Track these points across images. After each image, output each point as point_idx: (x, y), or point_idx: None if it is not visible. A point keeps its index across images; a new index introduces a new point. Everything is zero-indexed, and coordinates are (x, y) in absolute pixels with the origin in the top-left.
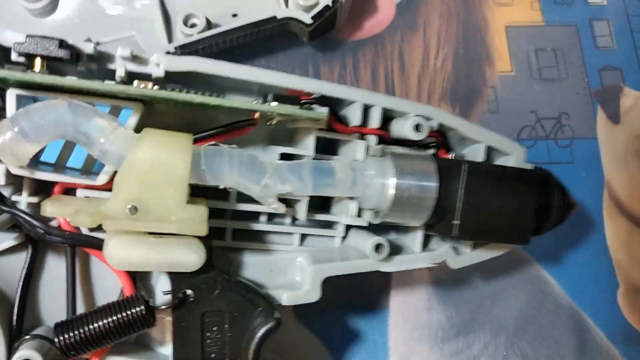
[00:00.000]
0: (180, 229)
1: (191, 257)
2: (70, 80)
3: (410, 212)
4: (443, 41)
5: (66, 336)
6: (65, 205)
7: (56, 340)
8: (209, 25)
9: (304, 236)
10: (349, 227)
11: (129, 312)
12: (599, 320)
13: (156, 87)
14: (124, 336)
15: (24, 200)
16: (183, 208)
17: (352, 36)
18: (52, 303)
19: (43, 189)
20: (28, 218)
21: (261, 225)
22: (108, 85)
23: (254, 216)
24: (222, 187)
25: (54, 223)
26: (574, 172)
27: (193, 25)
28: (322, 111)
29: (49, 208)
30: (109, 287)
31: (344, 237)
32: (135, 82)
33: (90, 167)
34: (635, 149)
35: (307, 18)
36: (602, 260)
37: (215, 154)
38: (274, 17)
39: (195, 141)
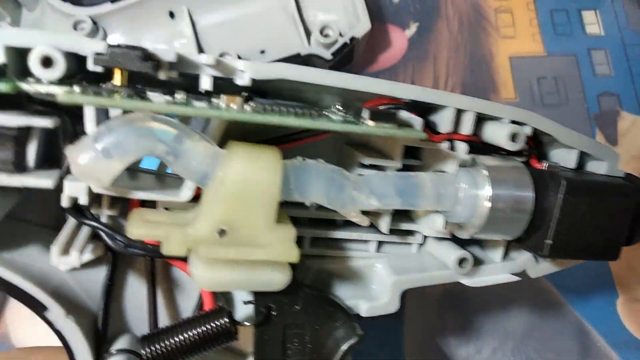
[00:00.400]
0: (271, 255)
1: (278, 277)
2: (164, 107)
3: (502, 229)
4: (452, 71)
5: (152, 348)
6: (152, 228)
7: (143, 352)
8: None
9: (380, 242)
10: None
11: (213, 325)
12: (600, 327)
13: (248, 103)
14: (208, 349)
15: (104, 213)
16: (271, 229)
17: (368, 68)
18: (133, 311)
19: (120, 199)
20: (109, 231)
21: (340, 233)
22: (202, 110)
23: (331, 223)
24: (307, 204)
25: None
26: None
27: None
28: (416, 122)
29: (135, 231)
30: (187, 289)
31: (421, 244)
32: (223, 98)
33: (164, 170)
34: (632, 169)
35: (327, 54)
36: (602, 272)
37: (303, 170)
38: (298, 54)
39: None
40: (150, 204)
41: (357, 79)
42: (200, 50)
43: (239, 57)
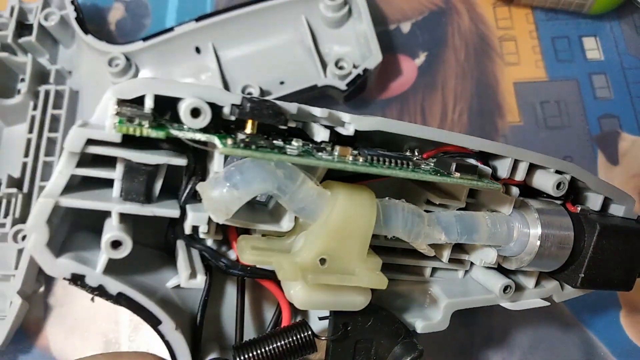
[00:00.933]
0: (364, 283)
1: (360, 300)
2: (323, 162)
3: (545, 264)
4: (459, 97)
5: (245, 357)
6: (265, 256)
7: (237, 359)
8: (262, 92)
9: (434, 268)
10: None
11: (297, 337)
12: (604, 337)
13: (357, 154)
14: (293, 358)
15: (211, 238)
16: (363, 259)
17: (380, 95)
18: (222, 320)
19: (221, 225)
20: (215, 255)
21: (405, 260)
22: (336, 163)
23: (392, 250)
24: (388, 236)
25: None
26: None
27: (249, 94)
28: (487, 172)
29: (249, 257)
30: (267, 303)
31: (466, 271)
32: (337, 149)
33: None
34: (633, 187)
35: (342, 85)
36: None
37: (389, 208)
38: (315, 85)
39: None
40: (242, 230)
41: (447, 135)
42: (224, 82)
43: (260, 89)
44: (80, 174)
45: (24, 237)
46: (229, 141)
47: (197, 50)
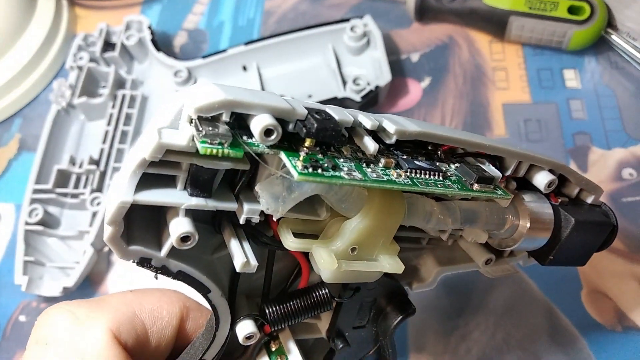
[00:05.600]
0: (386, 269)
1: (376, 274)
2: (378, 184)
3: (527, 246)
4: (455, 114)
5: (274, 309)
6: (305, 243)
7: (267, 312)
8: None
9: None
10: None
11: (318, 294)
12: (567, 311)
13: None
14: (310, 314)
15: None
16: (386, 248)
17: (390, 110)
18: (247, 280)
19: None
20: (260, 234)
21: (406, 233)
22: (398, 184)
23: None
24: (407, 226)
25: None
26: None
27: None
28: (497, 175)
29: (291, 244)
30: (285, 264)
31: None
32: (383, 161)
33: None
34: None
35: (357, 98)
36: (570, 268)
37: (413, 205)
38: (336, 97)
39: None
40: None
41: (477, 138)
42: None
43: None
44: (151, 173)
45: (98, 203)
46: (299, 164)
47: (244, 68)
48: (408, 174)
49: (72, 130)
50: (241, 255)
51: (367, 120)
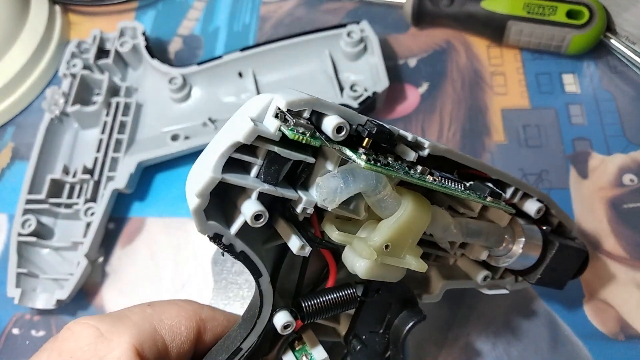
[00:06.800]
0: (412, 267)
1: (399, 275)
2: (420, 182)
3: (519, 265)
4: (454, 120)
5: (310, 304)
6: (347, 237)
7: (304, 306)
8: None
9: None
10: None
11: (346, 293)
12: (569, 320)
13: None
14: (338, 311)
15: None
16: (412, 249)
17: (388, 116)
18: (282, 277)
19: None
20: (306, 228)
21: (422, 247)
22: (434, 185)
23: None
24: (428, 233)
25: None
26: None
27: None
28: (504, 196)
29: (337, 237)
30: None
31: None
32: (419, 168)
33: None
34: (600, 197)
35: (355, 104)
36: None
37: (437, 214)
38: None
39: None
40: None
41: (490, 168)
42: None
43: None
44: (236, 157)
45: (92, 213)
46: (364, 157)
47: (240, 74)
48: (438, 180)
49: (66, 138)
50: (297, 239)
51: (406, 133)
